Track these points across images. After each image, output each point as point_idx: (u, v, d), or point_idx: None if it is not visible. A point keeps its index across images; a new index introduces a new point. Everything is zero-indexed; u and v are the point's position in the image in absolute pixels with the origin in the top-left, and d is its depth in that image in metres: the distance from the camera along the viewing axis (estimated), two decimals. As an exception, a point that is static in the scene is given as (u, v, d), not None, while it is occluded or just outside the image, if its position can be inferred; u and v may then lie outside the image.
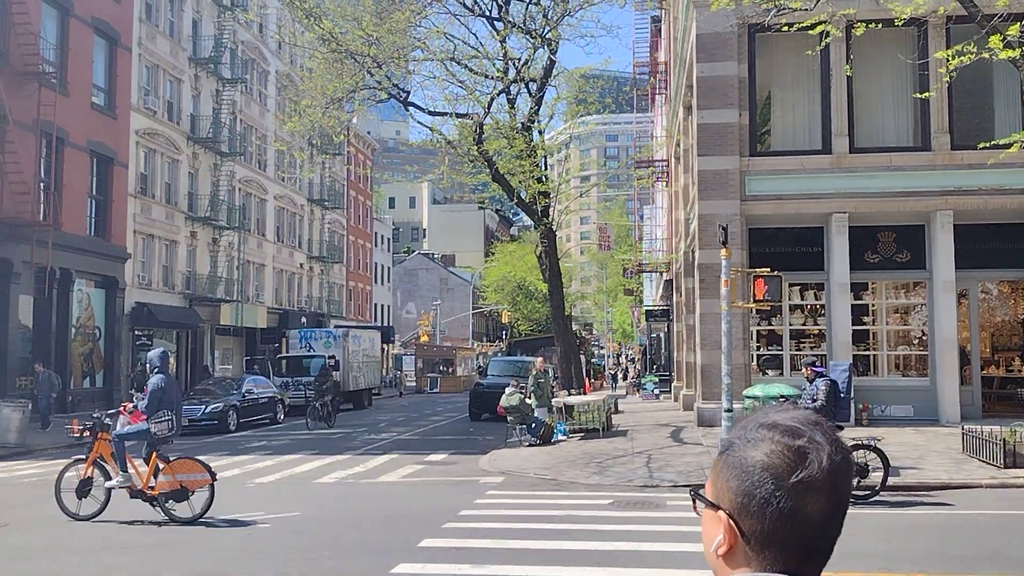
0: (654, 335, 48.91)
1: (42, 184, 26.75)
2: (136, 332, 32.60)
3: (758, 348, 20.02)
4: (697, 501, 1.30)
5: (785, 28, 16.31)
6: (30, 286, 25.95)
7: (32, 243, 25.29)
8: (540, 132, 24.40)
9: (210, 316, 38.13)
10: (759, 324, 19.91)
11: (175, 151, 35.98)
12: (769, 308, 17.05)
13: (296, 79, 41.92)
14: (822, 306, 19.64)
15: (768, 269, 14.98)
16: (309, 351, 34.87)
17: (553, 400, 19.91)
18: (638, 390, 37.93)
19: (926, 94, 16.38)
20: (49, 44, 26.99)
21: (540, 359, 21.50)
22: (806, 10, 14.51)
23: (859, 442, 11.17)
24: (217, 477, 10.76)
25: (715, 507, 1.25)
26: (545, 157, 25.17)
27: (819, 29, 14.68)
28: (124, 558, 8.86)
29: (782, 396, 12.89)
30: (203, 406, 24.13)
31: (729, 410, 13.65)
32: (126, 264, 31.60)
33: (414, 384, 55.57)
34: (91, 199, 29.96)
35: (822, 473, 1.18)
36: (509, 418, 18.49)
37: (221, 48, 38.91)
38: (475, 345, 79.98)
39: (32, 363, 24.63)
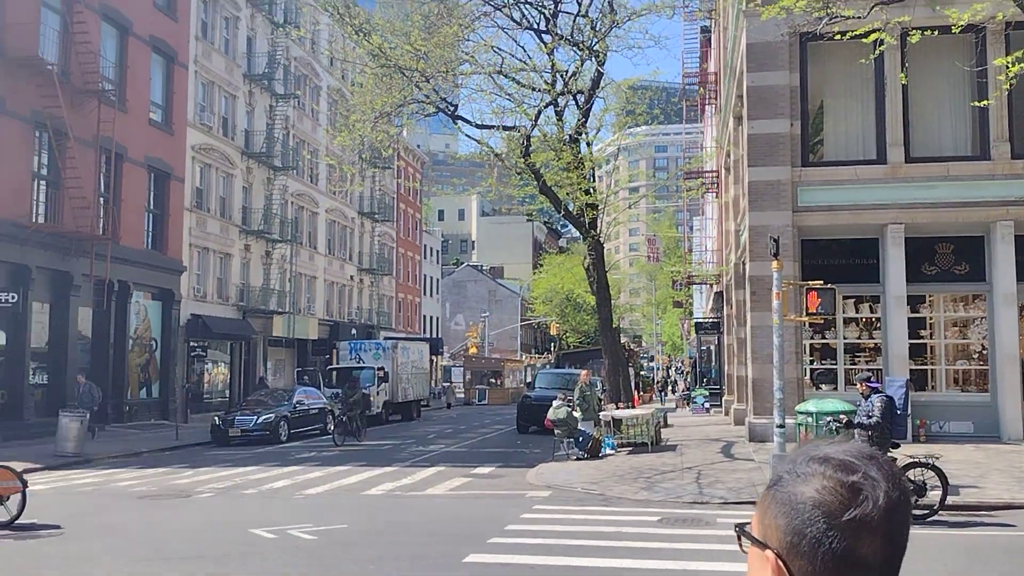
0: (704, 348, 48.36)
1: (102, 199, 27.46)
2: (191, 344, 33.22)
3: (811, 362, 19.64)
4: (743, 538, 1.22)
5: (837, 36, 16.06)
6: (89, 298, 26.62)
7: (92, 256, 25.96)
8: (588, 144, 24.32)
9: (263, 328, 38.71)
10: (812, 337, 19.54)
11: (230, 166, 36.69)
12: (822, 321, 16.71)
13: (347, 94, 42.50)
14: (877, 319, 19.20)
15: (821, 281, 14.69)
16: (359, 362, 35.20)
17: (601, 413, 19.76)
18: (688, 403, 37.49)
19: (984, 102, 15.96)
20: (108, 62, 27.75)
21: (585, 372, 21.37)
22: (859, 18, 14.27)
23: (916, 460, 10.85)
24: (28, 484, 11.11)
25: (762, 546, 1.17)
26: (593, 169, 25.09)
27: (873, 37, 14.41)
28: (158, 569, 8.98)
29: (836, 412, 12.60)
30: (255, 416, 24.48)
31: (781, 425, 13.39)
32: (182, 277, 32.26)
33: (462, 396, 55.71)
34: (148, 213, 30.67)
35: (878, 512, 1.11)
36: (556, 431, 18.40)
37: (274, 64, 39.65)
38: (523, 357, 79.91)
39: (80, 374, 24.94)
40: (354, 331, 48.55)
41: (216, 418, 25.32)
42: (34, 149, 24.96)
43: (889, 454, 11.05)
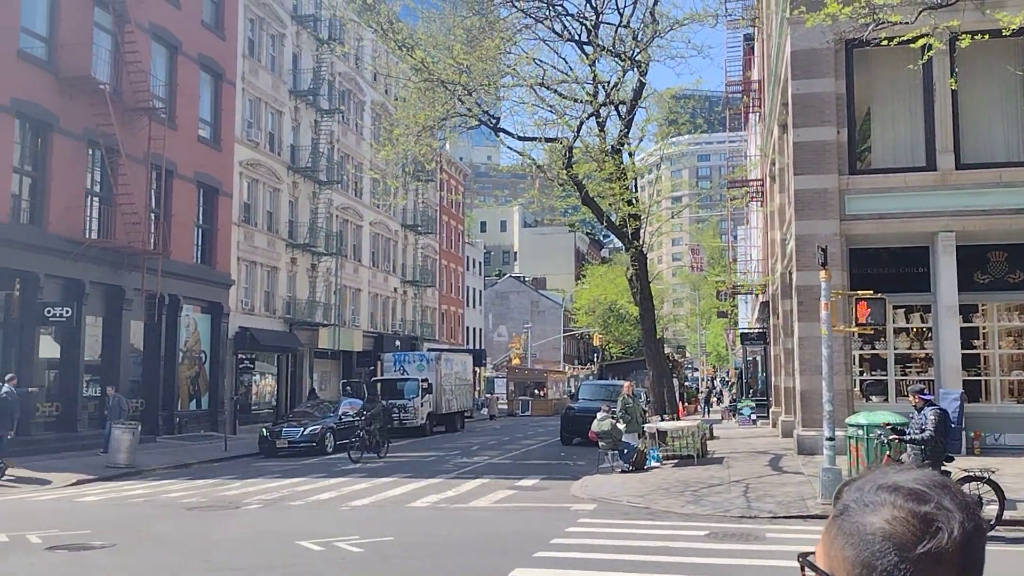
0: (750, 358, 47.76)
1: (152, 214, 28.05)
2: (239, 356, 33.71)
3: (861, 373, 19.28)
4: (807, 569, 1.17)
5: (884, 42, 15.81)
6: (141, 312, 27.18)
7: (143, 271, 26.51)
8: (630, 155, 24.25)
9: (309, 340, 39.15)
10: (862, 348, 19.18)
11: (276, 181, 37.25)
12: (872, 332, 16.41)
13: (390, 108, 42.95)
14: (929, 329, 18.79)
15: (870, 291, 14.44)
16: (403, 374, 35.40)
17: (645, 425, 19.61)
18: (734, 415, 37.05)
19: (1039, 106, 15.56)
20: (159, 81, 28.38)
21: (628, 383, 21.23)
22: (906, 23, 14.04)
23: (971, 473, 10.58)
24: None
25: None
26: (636, 179, 24.99)
27: (921, 43, 14.16)
28: (225, 579, 9.09)
29: (887, 424, 12.34)
30: (301, 428, 24.75)
31: (831, 438, 13.16)
32: (230, 290, 32.78)
33: (505, 407, 55.71)
34: (198, 228, 31.25)
35: (953, 544, 1.05)
36: (601, 444, 18.29)
37: (319, 80, 40.22)
38: (566, 368, 79.71)
39: (110, 387, 24.18)
40: (398, 343, 48.86)
41: (263, 429, 25.65)
42: (87, 166, 25.60)
43: (943, 468, 10.80)
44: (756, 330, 40.04)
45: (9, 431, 18.98)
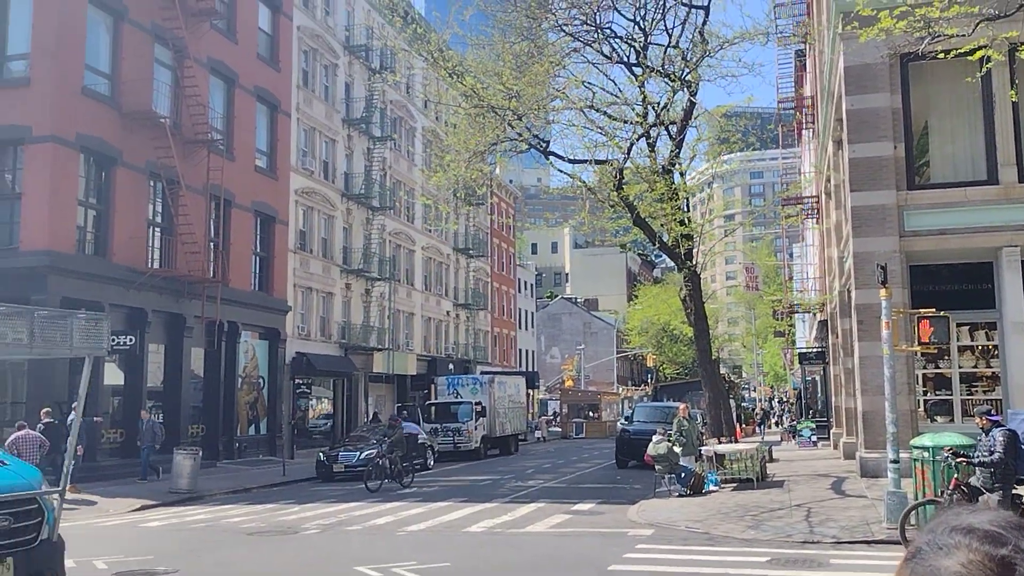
0: (809, 378, 46.85)
1: (211, 243, 28.70)
2: (296, 381, 34.19)
3: (925, 393, 18.77)
4: None
5: (940, 56, 15.51)
6: (201, 339, 27.77)
7: (203, 299, 27.11)
8: (682, 174, 24.11)
9: (364, 364, 39.54)
10: (925, 367, 18.68)
11: (330, 208, 37.86)
12: (936, 351, 15.98)
13: (441, 134, 43.42)
14: (994, 347, 18.22)
15: (933, 309, 14.08)
16: (457, 397, 35.52)
17: (702, 448, 19.33)
18: (793, 436, 36.33)
19: (1106, 116, 15.08)
20: (217, 113, 29.14)
21: (683, 405, 20.97)
22: (963, 36, 13.77)
23: (1045, 498, 10.20)
24: None
25: None
26: (687, 199, 24.83)
27: (979, 55, 13.86)
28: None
29: (950, 449, 11.97)
30: (357, 452, 24.94)
31: (895, 461, 12.82)
32: (287, 316, 33.31)
33: (559, 429, 55.45)
34: (255, 256, 31.88)
35: None
36: (657, 467, 18.07)
37: (372, 108, 40.89)
38: (620, 389, 79.10)
39: (144, 410, 23.91)
40: (451, 366, 49.05)
41: (320, 454, 25.92)
42: (149, 198, 26.32)
43: (1014, 492, 10.44)
44: (815, 349, 39.30)
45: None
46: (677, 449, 18.15)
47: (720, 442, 21.31)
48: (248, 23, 31.46)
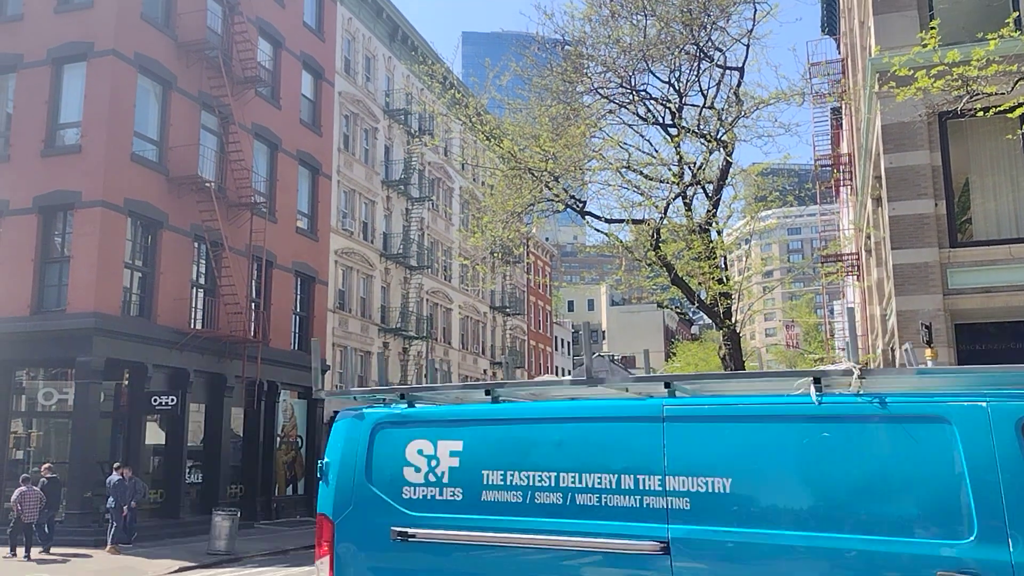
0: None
1: (253, 304, 29.13)
2: (333, 440, 34.16)
3: (975, 455, 18.24)
4: None
5: (980, 113, 15.45)
6: (241, 399, 28.01)
7: (243, 359, 27.42)
8: (719, 232, 24.02)
9: (400, 423, 39.46)
10: (974, 428, 18.19)
11: (369, 267, 38.31)
12: (985, 412, 15.55)
13: (478, 194, 43.96)
14: (1047, 407, 17.71)
15: (980, 370, 13.75)
16: (494, 457, 35.26)
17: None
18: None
19: None
20: (260, 177, 29.84)
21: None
22: (1002, 94, 13.74)
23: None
24: None
25: None
26: (724, 256, 24.71)
27: (1019, 112, 13.79)
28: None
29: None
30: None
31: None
32: (325, 375, 33.51)
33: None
34: (295, 315, 32.27)
35: None
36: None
37: (410, 170, 41.60)
38: (660, 449, 77.89)
39: (117, 464, 22.13)
40: (489, 425, 48.79)
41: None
42: (193, 259, 26.87)
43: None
44: (858, 408, 38.41)
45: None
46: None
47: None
48: (291, 90, 32.37)
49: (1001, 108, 14.02)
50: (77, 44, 24.29)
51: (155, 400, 23.92)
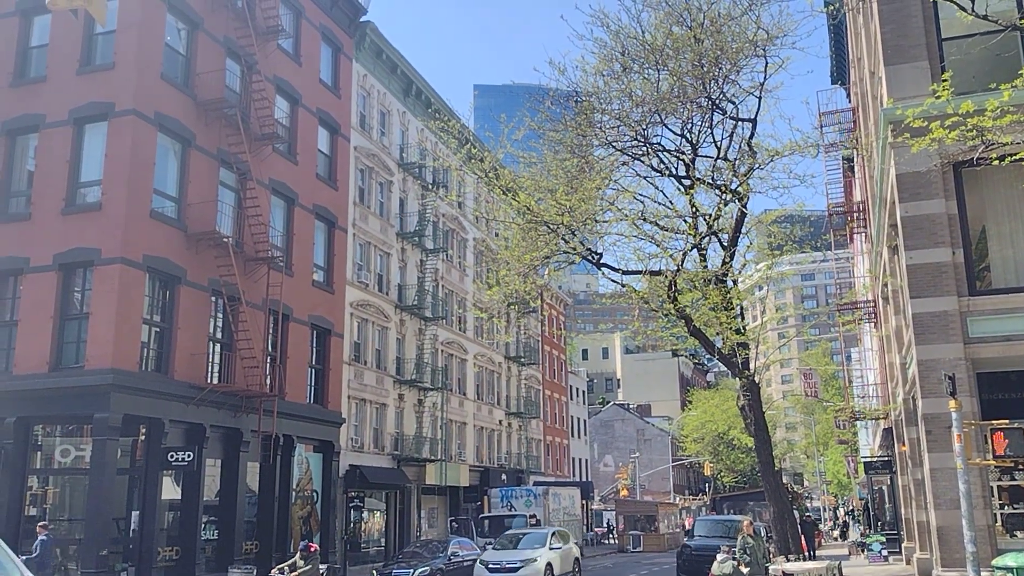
0: (876, 488, 45.09)
1: (268, 357, 29.15)
2: (349, 494, 33.93)
3: (1001, 506, 17.89)
4: None
5: (995, 161, 15.47)
6: (256, 453, 27.87)
7: (259, 413, 27.36)
8: (734, 282, 23.99)
9: (416, 476, 39.17)
10: (1000, 479, 17.87)
11: (384, 319, 38.37)
12: (1012, 464, 15.33)
13: (493, 246, 44.17)
14: (1075, 457, 17.40)
15: (1006, 420, 13.60)
16: (511, 510, 34.94)
17: (770, 567, 18.58)
18: (862, 550, 34.76)
19: None
20: (277, 232, 30.08)
21: (747, 520, 20.25)
22: (1017, 144, 13.77)
23: None
24: None
25: None
26: (740, 306, 24.64)
27: (1035, 161, 13.80)
28: None
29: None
30: (411, 570, 24.45)
31: (978, 583, 12.15)
32: (341, 428, 33.36)
33: (615, 542, 53.80)
34: (311, 368, 32.25)
35: None
36: (723, 587, 17.36)
37: (425, 222, 41.90)
38: (676, 499, 76.88)
39: (42, 523, 21.27)
40: (504, 476, 48.34)
41: (374, 571, 25.45)
42: (210, 314, 26.95)
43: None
44: (880, 458, 37.96)
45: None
46: (744, 570, 17.46)
47: (788, 560, 20.46)
48: (308, 145, 32.80)
49: (1018, 156, 14.03)
50: (99, 104, 24.74)
51: (171, 456, 23.84)
